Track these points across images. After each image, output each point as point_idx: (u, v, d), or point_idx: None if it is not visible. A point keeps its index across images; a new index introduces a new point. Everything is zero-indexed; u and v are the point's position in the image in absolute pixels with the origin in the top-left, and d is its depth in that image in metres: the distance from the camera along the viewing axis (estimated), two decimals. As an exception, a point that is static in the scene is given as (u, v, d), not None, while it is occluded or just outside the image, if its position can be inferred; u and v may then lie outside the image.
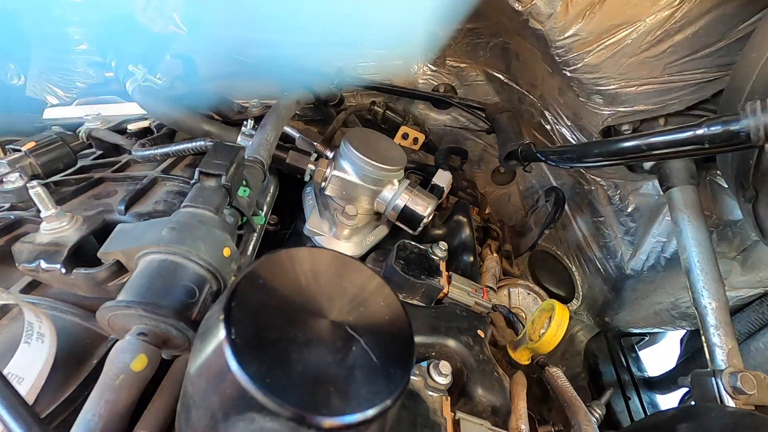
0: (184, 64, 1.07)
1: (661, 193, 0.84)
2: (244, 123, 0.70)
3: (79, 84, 1.29)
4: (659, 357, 1.32)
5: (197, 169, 0.46)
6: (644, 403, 1.12)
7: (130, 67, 0.73)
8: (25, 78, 1.28)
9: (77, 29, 1.19)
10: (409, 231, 0.74)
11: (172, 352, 0.38)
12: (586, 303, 1.24)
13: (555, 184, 1.16)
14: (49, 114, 0.91)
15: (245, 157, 0.58)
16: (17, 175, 0.55)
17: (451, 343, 0.58)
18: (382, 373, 0.27)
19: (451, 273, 0.68)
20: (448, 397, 0.49)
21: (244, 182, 0.52)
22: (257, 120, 0.70)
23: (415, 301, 0.64)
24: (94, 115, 0.82)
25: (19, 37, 1.21)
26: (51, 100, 1.32)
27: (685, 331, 1.13)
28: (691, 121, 0.51)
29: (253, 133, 0.68)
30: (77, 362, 0.40)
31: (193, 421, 0.28)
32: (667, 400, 1.15)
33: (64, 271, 0.41)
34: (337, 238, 0.72)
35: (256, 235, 0.63)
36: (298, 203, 0.81)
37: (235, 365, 0.24)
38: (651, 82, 0.75)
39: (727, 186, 0.81)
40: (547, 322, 0.66)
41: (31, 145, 0.60)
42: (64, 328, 0.42)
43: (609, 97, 0.78)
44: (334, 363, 0.26)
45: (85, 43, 1.21)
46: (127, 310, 0.34)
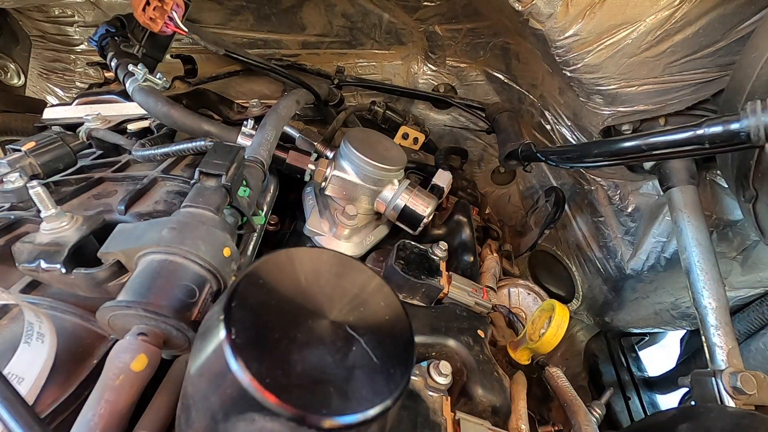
0: (184, 64, 1.07)
1: (661, 193, 0.84)
2: (244, 123, 0.70)
3: (79, 84, 1.30)
4: (659, 357, 1.32)
5: (197, 169, 0.46)
6: (644, 403, 1.12)
7: (130, 67, 0.73)
8: (25, 78, 1.29)
9: (77, 29, 1.19)
10: (409, 231, 0.74)
11: (172, 352, 0.38)
12: (586, 303, 1.24)
13: (555, 184, 1.16)
14: (48, 114, 0.91)
15: (245, 157, 0.58)
16: (17, 175, 0.55)
17: (451, 343, 0.58)
18: (383, 373, 0.27)
19: (451, 273, 0.68)
20: (448, 397, 0.49)
21: (244, 182, 0.52)
22: (257, 120, 0.70)
23: (416, 301, 0.64)
24: (94, 115, 0.81)
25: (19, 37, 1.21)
26: (51, 99, 1.32)
27: (685, 331, 1.13)
28: (691, 121, 0.51)
29: (253, 133, 0.68)
30: (77, 362, 0.40)
31: (194, 421, 0.28)
32: (667, 400, 1.15)
33: (64, 271, 0.41)
34: (337, 238, 0.72)
35: (256, 235, 0.63)
36: (298, 203, 0.81)
37: (235, 365, 0.24)
38: (651, 82, 0.75)
39: (727, 186, 0.81)
40: (547, 322, 0.66)
41: (31, 145, 0.60)
42: (64, 328, 0.42)
43: (609, 97, 0.78)
44: (335, 363, 0.26)
45: (85, 43, 1.21)
46: (127, 310, 0.34)
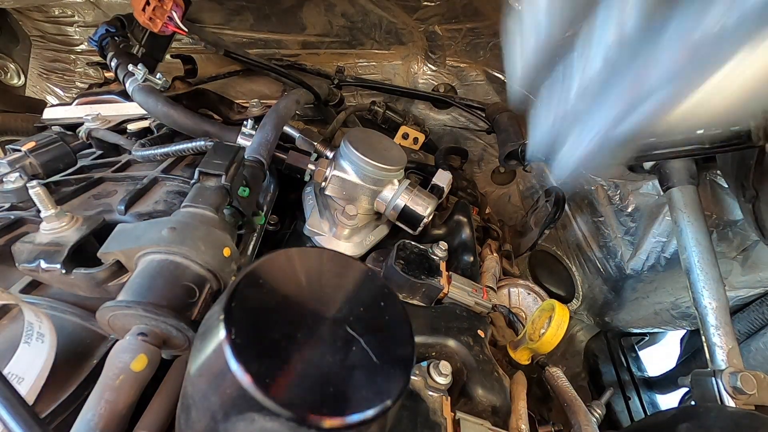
0: (184, 64, 1.08)
1: (661, 192, 0.84)
2: (244, 123, 0.70)
3: (79, 84, 1.30)
4: (659, 357, 1.32)
5: (197, 169, 0.46)
6: (644, 403, 1.12)
7: (130, 67, 0.73)
8: (25, 78, 1.29)
9: (77, 29, 1.19)
10: (409, 231, 0.74)
11: (172, 352, 0.38)
12: (586, 303, 1.24)
13: (555, 184, 1.16)
14: (48, 114, 0.91)
15: (245, 157, 0.58)
16: (17, 175, 0.55)
17: (451, 343, 0.58)
18: (383, 373, 0.27)
19: (451, 273, 0.68)
20: (448, 397, 0.49)
21: (244, 182, 0.52)
22: (257, 120, 0.70)
23: (415, 301, 0.64)
24: (94, 115, 0.81)
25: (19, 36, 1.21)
26: (51, 99, 1.32)
27: (685, 331, 1.13)
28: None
29: (253, 133, 0.68)
30: (77, 362, 0.40)
31: (193, 421, 0.28)
32: (667, 400, 1.15)
33: (64, 271, 0.41)
34: (337, 238, 0.72)
35: (256, 235, 0.63)
36: (298, 203, 0.81)
37: (235, 365, 0.24)
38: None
39: (727, 186, 0.81)
40: (547, 322, 0.66)
41: (31, 145, 0.60)
42: (64, 328, 0.42)
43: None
44: (334, 363, 0.26)
45: (85, 43, 1.21)
46: (127, 310, 0.34)
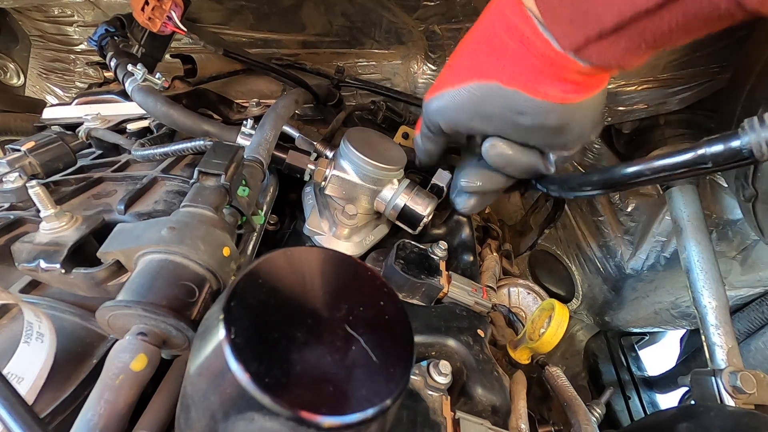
0: (184, 64, 1.07)
1: (661, 192, 0.84)
2: (244, 123, 0.70)
3: (79, 84, 1.30)
4: (659, 356, 1.32)
5: (196, 169, 0.46)
6: (644, 403, 1.12)
7: (129, 67, 0.73)
8: (25, 78, 1.29)
9: (77, 29, 1.19)
10: (409, 230, 0.74)
11: (171, 352, 0.38)
12: (585, 302, 1.24)
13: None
14: (48, 113, 0.91)
15: (244, 157, 0.57)
16: (17, 174, 0.55)
17: (451, 343, 0.58)
18: (382, 373, 0.27)
19: (451, 272, 0.68)
20: (448, 397, 0.49)
21: (244, 182, 0.52)
22: (257, 120, 0.70)
23: (415, 301, 0.64)
24: (93, 115, 0.81)
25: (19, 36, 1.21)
26: (50, 99, 1.32)
27: (685, 331, 1.13)
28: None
29: (253, 132, 0.68)
30: (77, 362, 0.40)
31: (193, 421, 0.28)
32: (667, 400, 1.15)
33: (63, 271, 0.41)
34: (337, 238, 0.72)
35: (255, 234, 0.63)
36: (297, 203, 0.81)
37: (234, 365, 0.24)
38: (651, 81, 0.75)
39: (726, 185, 0.81)
40: (547, 322, 0.66)
41: (31, 144, 0.60)
42: (64, 328, 0.42)
43: (609, 95, 0.78)
44: (334, 362, 0.26)
45: (85, 43, 1.21)
46: (126, 310, 0.34)
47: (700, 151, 0.44)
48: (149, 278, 0.36)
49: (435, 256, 0.68)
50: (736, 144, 0.41)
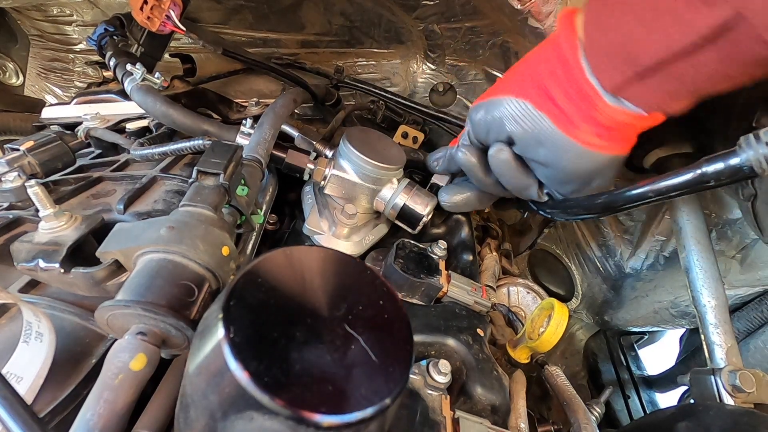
0: (183, 63, 1.07)
1: (661, 191, 0.84)
2: (243, 122, 0.70)
3: (78, 83, 1.29)
4: (658, 355, 1.32)
5: (195, 168, 0.46)
6: (643, 402, 1.12)
7: (129, 67, 0.73)
8: (24, 77, 1.28)
9: (76, 28, 1.19)
10: (409, 230, 0.74)
11: (171, 352, 0.38)
12: (585, 302, 1.24)
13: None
14: (47, 113, 0.91)
15: (243, 156, 0.57)
16: (16, 174, 0.55)
17: (451, 342, 0.58)
18: (382, 372, 0.27)
19: (450, 272, 0.68)
20: (448, 396, 0.49)
21: (243, 181, 0.52)
22: (256, 119, 0.70)
23: (415, 300, 0.64)
24: (92, 115, 0.81)
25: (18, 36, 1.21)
26: (49, 99, 1.32)
27: (685, 330, 1.13)
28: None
29: (252, 132, 0.68)
30: (76, 361, 0.40)
31: (192, 420, 0.28)
32: (667, 399, 1.15)
33: (62, 271, 0.41)
34: (337, 237, 0.72)
35: (255, 234, 0.63)
36: (297, 202, 0.81)
37: (233, 364, 0.24)
38: (650, 81, 0.75)
39: (726, 184, 0.81)
40: (547, 321, 0.66)
41: (30, 144, 0.60)
42: (63, 328, 0.42)
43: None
44: (333, 362, 0.26)
45: (84, 42, 1.21)
46: (125, 310, 0.34)
47: (701, 171, 0.45)
48: (148, 278, 0.36)
49: (434, 256, 0.68)
50: (735, 162, 0.42)
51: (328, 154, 0.74)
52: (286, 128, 0.77)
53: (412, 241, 0.69)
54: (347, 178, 0.69)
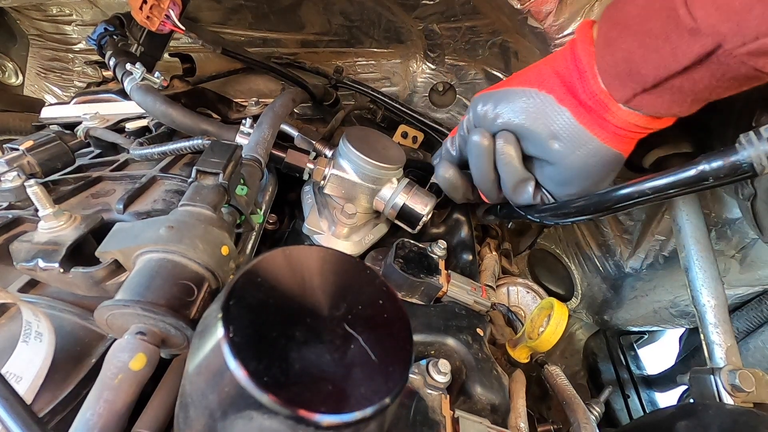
0: (183, 63, 1.07)
1: (660, 191, 0.84)
2: (243, 122, 0.70)
3: (78, 83, 1.29)
4: (658, 355, 1.32)
5: (194, 168, 0.46)
6: (643, 401, 1.12)
7: (128, 66, 0.73)
8: (23, 77, 1.28)
9: (75, 28, 1.19)
10: (409, 230, 0.74)
11: (170, 351, 0.38)
12: (585, 301, 1.24)
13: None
14: (46, 113, 0.91)
15: (243, 156, 0.57)
16: (15, 173, 0.55)
17: (450, 342, 0.58)
18: (381, 372, 0.27)
19: (450, 271, 0.68)
20: (447, 396, 0.50)
21: (242, 181, 0.52)
22: (256, 119, 0.70)
23: (414, 300, 0.64)
24: (92, 114, 0.81)
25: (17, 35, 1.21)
26: (49, 98, 1.32)
27: (684, 329, 1.13)
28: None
29: (252, 131, 0.68)
30: (76, 361, 0.40)
31: (192, 420, 0.28)
32: (666, 398, 1.15)
33: (62, 270, 0.41)
34: (336, 237, 0.72)
35: (254, 233, 0.63)
36: (297, 202, 0.81)
37: (233, 363, 0.24)
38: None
39: (725, 184, 0.81)
40: (546, 321, 0.66)
41: (29, 143, 0.60)
42: (63, 327, 0.42)
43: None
44: (333, 361, 0.26)
45: (84, 42, 1.21)
46: (125, 309, 0.34)
47: (700, 168, 0.45)
48: (148, 277, 0.36)
49: (434, 255, 0.68)
50: (735, 159, 0.42)
51: (328, 153, 0.74)
52: (286, 128, 0.77)
53: (412, 241, 0.69)
54: (347, 178, 0.69)
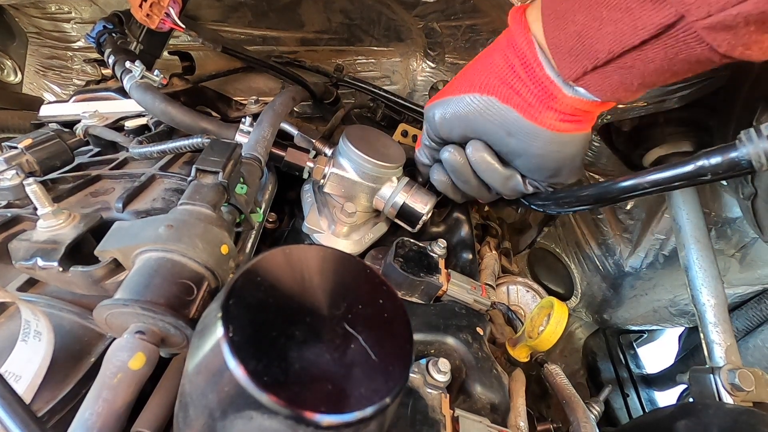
0: (182, 61, 1.07)
1: (660, 190, 0.83)
2: (242, 120, 0.70)
3: (77, 81, 1.29)
4: (658, 354, 1.32)
5: (193, 166, 0.46)
6: (643, 400, 1.13)
7: (128, 64, 0.73)
8: (22, 75, 1.28)
9: (74, 26, 1.18)
10: (409, 228, 0.74)
11: (170, 350, 0.38)
12: (584, 300, 1.24)
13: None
14: (45, 111, 0.90)
15: (242, 155, 0.57)
16: (14, 172, 0.55)
17: (450, 341, 0.58)
18: (381, 371, 0.27)
19: (450, 270, 0.68)
20: (447, 395, 0.49)
21: (242, 179, 0.52)
22: (255, 117, 0.70)
23: (414, 299, 0.64)
24: (91, 112, 0.81)
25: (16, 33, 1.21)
26: (48, 97, 1.32)
27: (684, 329, 1.14)
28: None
29: (251, 130, 0.68)
30: (75, 360, 0.40)
31: (191, 419, 0.28)
32: (666, 397, 1.16)
33: (61, 269, 0.41)
34: (336, 236, 0.71)
35: (254, 232, 0.63)
36: (296, 201, 0.80)
37: (232, 363, 0.24)
38: (650, 79, 0.74)
39: (726, 183, 0.81)
40: (546, 320, 0.66)
41: (28, 142, 0.60)
42: (62, 326, 0.42)
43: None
44: (333, 361, 0.26)
45: (83, 40, 1.21)
46: (124, 308, 0.34)
47: (699, 163, 0.45)
48: (147, 276, 0.36)
49: (434, 254, 0.68)
50: (734, 155, 0.42)
51: (328, 152, 0.74)
52: (286, 126, 0.77)
53: (412, 240, 0.69)
54: (347, 177, 0.69)
